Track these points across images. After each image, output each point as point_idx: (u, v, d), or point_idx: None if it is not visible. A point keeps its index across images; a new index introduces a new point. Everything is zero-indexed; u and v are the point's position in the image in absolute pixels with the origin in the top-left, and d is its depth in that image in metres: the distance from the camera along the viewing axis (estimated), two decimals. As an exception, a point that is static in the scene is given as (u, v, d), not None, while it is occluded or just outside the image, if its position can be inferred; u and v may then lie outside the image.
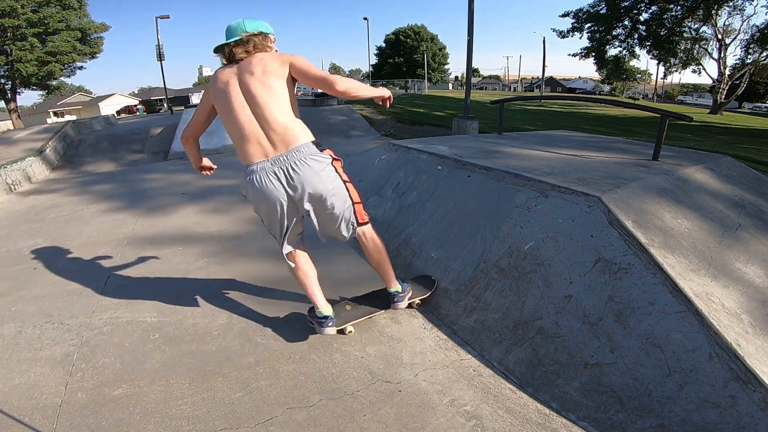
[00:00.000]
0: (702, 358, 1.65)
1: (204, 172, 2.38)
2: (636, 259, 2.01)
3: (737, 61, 28.32)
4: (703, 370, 1.63)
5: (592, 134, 5.90)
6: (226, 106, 1.88)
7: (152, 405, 1.86)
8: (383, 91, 2.04)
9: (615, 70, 31.08)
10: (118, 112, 38.17)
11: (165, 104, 31.03)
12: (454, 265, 2.67)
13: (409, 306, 2.50)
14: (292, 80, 1.94)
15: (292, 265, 2.12)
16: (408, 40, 53.72)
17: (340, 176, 1.97)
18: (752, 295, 2.01)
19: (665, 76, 32.84)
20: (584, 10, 27.24)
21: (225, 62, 1.95)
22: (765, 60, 26.52)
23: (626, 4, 25.85)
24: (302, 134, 1.89)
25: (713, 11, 24.63)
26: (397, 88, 38.26)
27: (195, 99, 39.13)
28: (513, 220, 2.59)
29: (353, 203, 2.01)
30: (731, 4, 24.40)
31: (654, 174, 2.88)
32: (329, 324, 2.13)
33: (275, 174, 1.83)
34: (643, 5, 25.82)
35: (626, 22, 27.08)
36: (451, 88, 57.91)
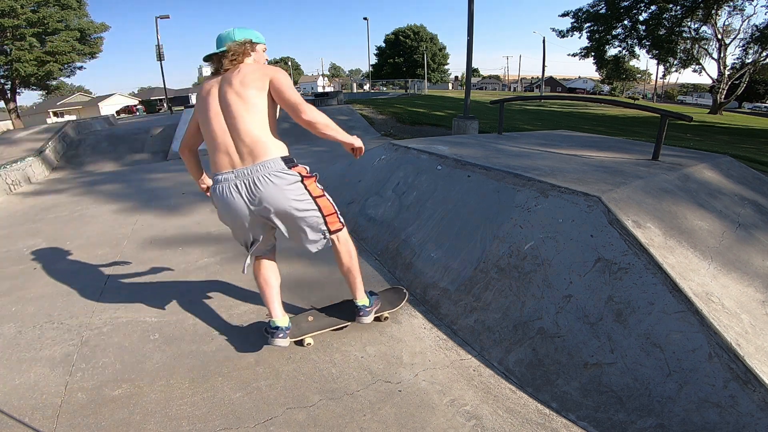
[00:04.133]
0: (702, 358, 1.66)
1: (203, 188, 2.26)
2: (636, 259, 2.01)
3: (736, 61, 28.34)
4: (703, 370, 1.63)
5: (591, 134, 5.91)
6: (203, 114, 1.87)
7: (152, 405, 1.86)
8: (355, 140, 1.97)
9: (615, 70, 31.10)
10: (118, 112, 38.17)
11: (165, 104, 31.03)
12: (454, 265, 2.67)
13: (377, 319, 2.40)
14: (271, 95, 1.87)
15: (257, 274, 2.12)
16: (407, 40, 53.71)
17: (310, 193, 1.89)
18: (752, 295, 2.01)
19: (665, 76, 32.85)
20: (584, 9, 27.25)
21: (213, 72, 1.92)
22: (765, 60, 26.51)
23: (626, 3, 25.86)
24: (273, 149, 1.82)
25: (713, 11, 24.63)
26: (397, 88, 38.23)
27: (195, 99, 38.98)
28: (513, 220, 2.59)
29: (324, 216, 1.95)
30: (731, 4, 24.40)
31: (654, 174, 2.88)
32: (279, 335, 2.04)
33: (236, 187, 1.80)
34: (642, 5, 25.83)
35: (626, 22, 27.08)
36: (450, 88, 57.90)
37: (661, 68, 31.23)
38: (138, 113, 37.90)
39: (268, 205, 1.81)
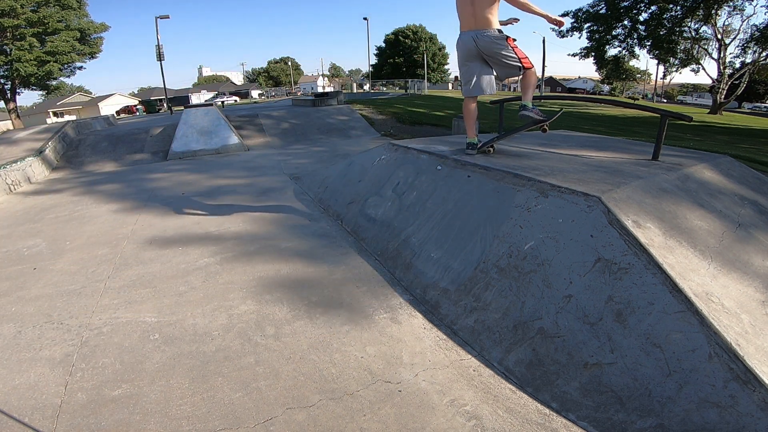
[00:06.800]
0: (702, 358, 1.66)
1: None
2: (636, 259, 2.01)
3: (734, 60, 28.36)
4: (703, 370, 1.64)
5: (591, 134, 5.90)
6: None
7: (152, 405, 1.86)
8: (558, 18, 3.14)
9: (614, 70, 31.12)
10: (118, 112, 38.15)
11: (165, 104, 31.03)
12: (454, 265, 2.67)
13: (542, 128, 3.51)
14: None
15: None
16: (407, 40, 53.67)
17: (510, 46, 3.09)
18: (752, 295, 2.01)
19: (665, 76, 32.87)
20: (584, 9, 27.28)
21: None
22: (765, 60, 26.53)
23: (626, 4, 25.89)
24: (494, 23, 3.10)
25: (713, 11, 24.64)
26: (397, 88, 38.22)
27: (195, 99, 38.96)
28: (513, 220, 2.59)
29: (520, 59, 3.13)
30: (731, 4, 24.42)
31: (654, 174, 2.88)
32: (470, 150, 3.60)
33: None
34: (642, 5, 25.85)
35: (626, 22, 27.11)
36: (450, 88, 57.87)
37: (662, 68, 31.28)
38: (138, 113, 37.87)
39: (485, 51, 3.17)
